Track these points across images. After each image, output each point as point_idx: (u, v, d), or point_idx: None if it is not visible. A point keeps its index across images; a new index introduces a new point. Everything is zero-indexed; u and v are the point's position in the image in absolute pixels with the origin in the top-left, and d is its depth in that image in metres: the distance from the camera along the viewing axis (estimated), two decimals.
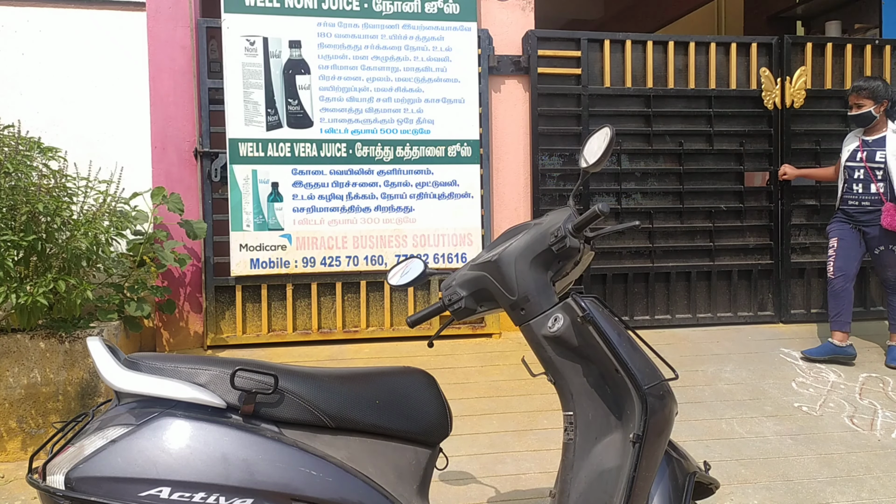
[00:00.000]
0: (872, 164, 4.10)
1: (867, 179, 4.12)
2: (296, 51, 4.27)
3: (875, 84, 4.06)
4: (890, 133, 4.10)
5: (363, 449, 1.60)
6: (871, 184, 4.11)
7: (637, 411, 1.63)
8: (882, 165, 4.07)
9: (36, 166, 3.39)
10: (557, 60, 4.69)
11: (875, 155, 4.10)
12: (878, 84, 4.06)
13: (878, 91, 4.05)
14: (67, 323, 3.36)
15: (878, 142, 4.12)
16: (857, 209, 4.18)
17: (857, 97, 4.11)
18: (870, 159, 4.11)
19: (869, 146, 4.14)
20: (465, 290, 1.83)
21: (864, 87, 4.07)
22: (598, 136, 1.80)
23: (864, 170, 4.13)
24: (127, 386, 1.44)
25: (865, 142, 4.17)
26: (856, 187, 4.17)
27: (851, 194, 4.20)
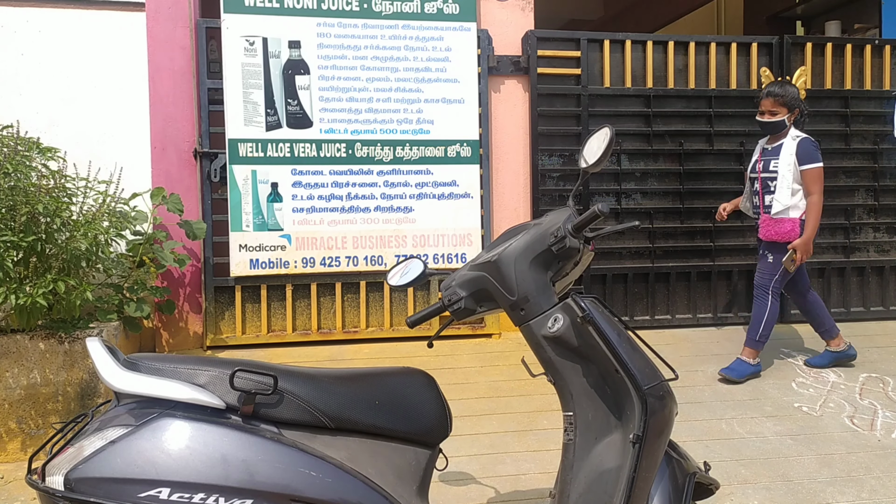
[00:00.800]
0: (766, 173, 3.87)
1: (764, 190, 3.89)
2: (295, 51, 4.27)
3: (791, 91, 3.79)
4: (789, 140, 3.82)
5: (363, 450, 1.59)
6: (764, 195, 3.89)
7: (637, 412, 1.63)
8: (774, 175, 3.82)
9: (35, 167, 3.39)
10: (557, 60, 4.68)
11: (770, 164, 3.86)
12: (794, 91, 3.80)
13: (794, 99, 3.79)
14: (67, 323, 3.36)
15: (775, 150, 3.86)
16: (756, 217, 4.04)
17: (772, 104, 3.80)
18: (765, 169, 3.88)
19: (767, 155, 3.90)
20: (465, 291, 1.83)
21: (781, 93, 3.78)
22: (597, 136, 1.80)
23: (763, 181, 3.90)
24: (126, 387, 1.44)
25: (765, 150, 3.93)
26: (755, 199, 3.99)
27: (755, 207, 4.03)
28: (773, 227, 3.80)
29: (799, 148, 3.76)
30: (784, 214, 3.77)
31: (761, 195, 3.89)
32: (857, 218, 5.02)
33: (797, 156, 3.75)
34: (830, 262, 4.96)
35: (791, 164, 3.75)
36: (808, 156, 3.74)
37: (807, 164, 3.73)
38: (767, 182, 3.86)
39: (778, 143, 3.85)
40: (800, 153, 3.75)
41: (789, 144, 3.79)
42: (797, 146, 3.76)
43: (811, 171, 3.73)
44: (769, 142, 3.92)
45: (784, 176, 3.76)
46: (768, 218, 3.83)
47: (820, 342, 4.15)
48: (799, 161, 3.75)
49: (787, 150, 3.78)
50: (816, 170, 3.73)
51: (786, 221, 3.76)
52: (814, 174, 3.73)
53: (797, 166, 3.74)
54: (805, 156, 3.74)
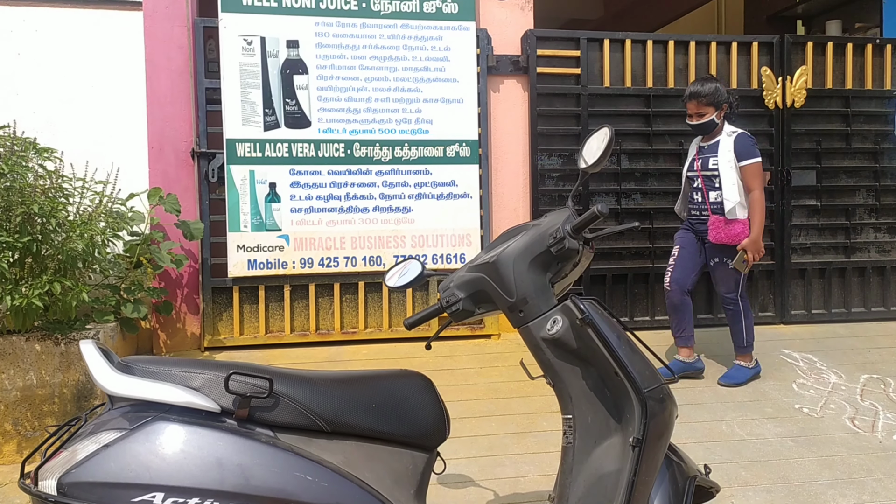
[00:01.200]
0: (706, 171, 3.74)
1: (707, 188, 3.75)
2: (293, 51, 4.25)
3: (714, 88, 3.65)
4: (724, 137, 3.72)
5: (359, 453, 1.57)
6: (708, 192, 3.75)
7: (637, 415, 1.61)
8: (716, 172, 3.70)
9: (31, 167, 3.37)
10: (557, 60, 4.67)
11: (709, 162, 3.73)
12: (717, 87, 3.67)
13: (719, 96, 3.67)
14: (63, 325, 3.34)
15: (712, 147, 3.74)
16: (696, 219, 3.85)
17: (697, 105, 3.68)
18: (704, 167, 3.75)
19: (704, 153, 3.78)
20: (464, 292, 1.81)
21: (704, 93, 3.64)
22: (597, 136, 1.78)
23: (700, 178, 3.78)
24: (120, 390, 1.42)
25: (702, 148, 3.81)
26: (695, 196, 3.83)
27: (693, 204, 3.87)
28: (723, 229, 3.65)
29: (736, 144, 3.67)
30: (734, 215, 3.65)
31: (706, 193, 3.76)
32: (858, 218, 5.00)
33: (735, 152, 3.66)
34: (831, 262, 4.94)
35: (731, 161, 3.66)
36: (747, 151, 3.65)
37: (746, 160, 3.64)
38: (710, 179, 3.73)
39: (714, 140, 3.75)
40: (738, 149, 3.66)
41: (726, 141, 3.70)
42: (734, 142, 3.68)
43: (751, 166, 3.64)
44: (704, 140, 3.81)
45: (727, 173, 3.65)
46: (718, 219, 3.68)
47: (824, 344, 4.14)
48: (738, 157, 3.65)
49: (724, 147, 3.69)
50: (756, 165, 3.64)
51: (736, 223, 3.64)
52: (753, 170, 3.64)
53: (736, 162, 3.65)
54: (743, 152, 3.65)
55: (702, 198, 3.78)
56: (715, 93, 3.64)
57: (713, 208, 3.73)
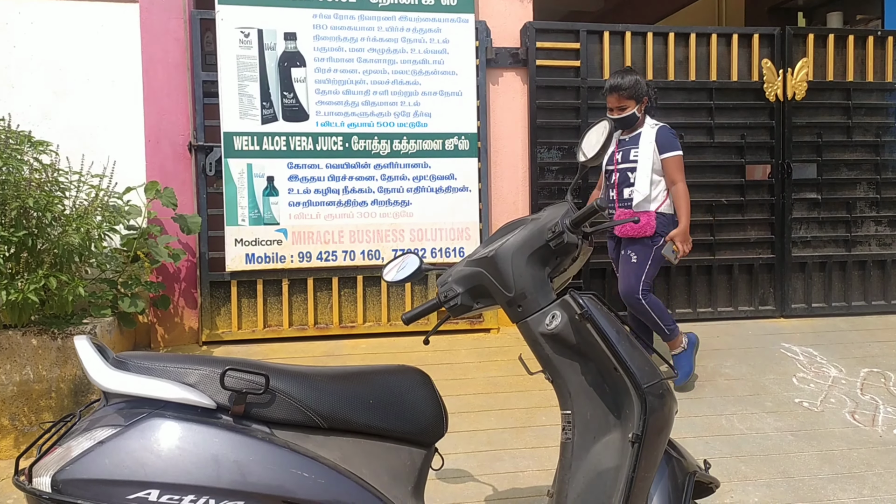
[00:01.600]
0: (626, 164, 3.61)
1: (621, 183, 3.63)
2: (291, 43, 4.22)
3: (634, 80, 3.53)
4: (647, 128, 3.60)
5: (356, 450, 1.56)
6: (622, 188, 3.62)
7: (636, 410, 1.60)
8: (635, 165, 3.58)
9: (27, 160, 3.34)
10: (556, 52, 4.64)
11: (629, 154, 3.60)
12: (637, 80, 3.55)
13: (639, 89, 3.55)
14: (60, 319, 3.33)
15: (633, 139, 3.61)
16: (611, 214, 3.70)
17: (618, 99, 3.56)
18: (624, 159, 3.62)
19: (625, 145, 3.64)
20: (462, 287, 1.79)
21: (625, 86, 3.52)
22: (596, 129, 1.77)
23: (616, 173, 3.65)
24: (115, 386, 1.41)
25: (622, 141, 3.67)
26: (612, 192, 3.69)
27: (610, 201, 3.71)
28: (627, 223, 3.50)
29: (659, 136, 3.56)
30: (641, 208, 3.53)
31: (617, 188, 3.63)
32: (859, 211, 4.98)
33: (657, 143, 3.55)
34: (832, 255, 4.93)
35: (651, 153, 3.54)
36: (669, 144, 3.55)
37: (668, 153, 3.53)
38: (627, 173, 3.60)
39: (635, 132, 3.63)
40: (660, 141, 3.55)
41: (648, 132, 3.59)
42: (657, 134, 3.57)
43: (673, 158, 3.53)
44: (624, 133, 3.68)
45: (644, 165, 3.54)
46: (624, 212, 3.57)
47: (824, 338, 4.13)
48: (660, 149, 3.54)
49: (646, 139, 3.57)
50: (678, 157, 3.54)
51: (641, 216, 3.52)
52: (676, 162, 3.54)
53: (657, 154, 3.54)
54: (666, 144, 3.55)
55: (614, 194, 3.66)
56: (635, 85, 3.53)
57: (622, 205, 3.61)
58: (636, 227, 3.51)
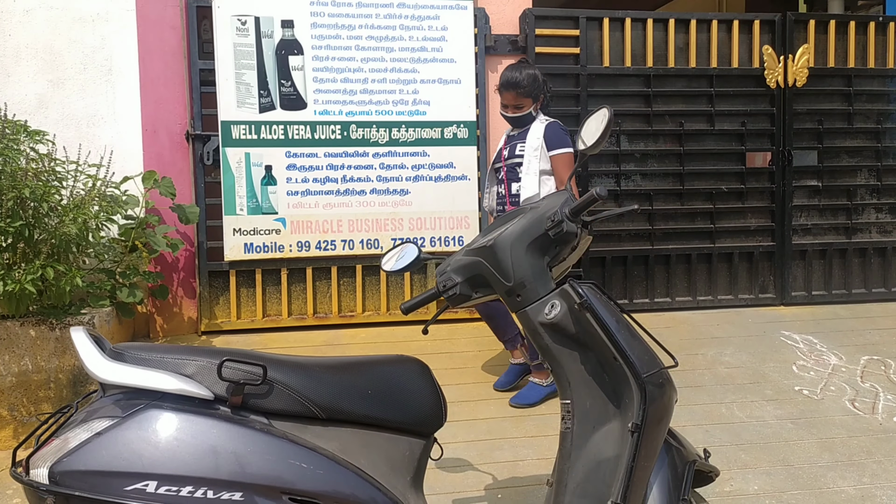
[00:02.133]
0: (513, 159, 3.37)
1: (510, 178, 3.39)
2: (288, 31, 4.18)
3: (533, 76, 3.29)
4: (537, 123, 3.35)
5: (355, 440, 1.55)
6: (510, 184, 3.38)
7: (636, 400, 1.59)
8: (521, 161, 3.34)
9: (23, 150, 3.32)
10: (555, 39, 4.60)
11: (516, 148, 3.36)
12: (536, 75, 3.31)
13: (538, 86, 3.32)
14: (58, 310, 3.32)
15: (522, 134, 3.38)
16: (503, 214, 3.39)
17: (515, 97, 3.30)
18: (511, 154, 3.39)
19: (513, 140, 3.40)
20: (460, 276, 1.79)
21: (524, 83, 3.26)
22: (595, 117, 1.75)
23: (504, 169, 3.42)
24: (112, 377, 1.40)
25: (511, 137, 3.45)
26: (500, 189, 3.46)
27: (500, 198, 3.48)
28: None
29: (548, 131, 3.31)
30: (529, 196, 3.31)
31: (507, 184, 3.39)
32: (860, 199, 4.97)
33: (546, 139, 3.30)
34: (832, 243, 4.92)
35: (538, 149, 3.29)
36: (559, 140, 3.31)
37: (557, 149, 3.29)
38: (514, 168, 3.36)
39: (525, 127, 3.39)
40: (549, 137, 3.30)
41: (537, 127, 3.33)
42: (546, 129, 3.31)
43: (562, 156, 3.29)
44: (514, 129, 3.46)
45: (530, 161, 3.29)
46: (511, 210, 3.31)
47: (824, 326, 4.12)
48: (548, 146, 3.29)
49: (534, 134, 3.32)
50: (567, 155, 3.29)
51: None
52: (566, 159, 3.29)
53: (545, 151, 3.30)
54: (555, 140, 3.30)
55: (504, 190, 3.41)
56: (534, 82, 3.29)
57: (513, 201, 3.37)
58: None
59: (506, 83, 3.29)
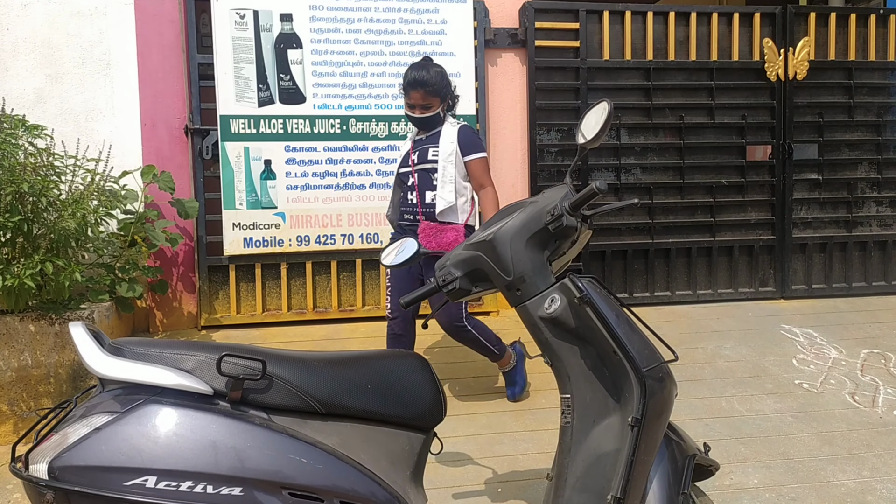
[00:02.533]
0: (424, 164, 3.10)
1: (422, 186, 3.11)
2: (287, 24, 4.17)
3: (441, 74, 3.07)
4: (448, 126, 3.12)
5: (355, 435, 1.55)
6: (423, 192, 3.11)
7: (636, 394, 1.59)
8: (434, 166, 3.09)
9: (21, 145, 3.31)
10: (555, 33, 4.59)
11: (427, 153, 3.10)
12: (444, 73, 3.09)
13: (446, 85, 3.10)
14: (57, 304, 3.31)
15: (432, 138, 3.12)
16: (410, 225, 3.15)
17: (423, 96, 3.03)
18: (421, 159, 3.11)
19: (423, 144, 3.14)
20: (460, 271, 1.78)
21: (432, 81, 3.01)
22: (595, 110, 1.74)
23: (414, 175, 3.13)
24: (111, 372, 1.40)
25: (419, 140, 3.17)
26: (409, 197, 3.15)
27: (406, 206, 3.18)
28: (434, 237, 3.03)
29: (461, 135, 3.10)
30: (446, 217, 3.08)
31: (418, 193, 3.11)
32: (860, 192, 4.96)
33: (460, 143, 3.08)
34: (833, 236, 4.91)
35: (453, 154, 3.07)
36: (474, 144, 3.11)
37: (473, 154, 3.09)
38: (427, 175, 3.09)
39: (434, 130, 3.14)
40: (463, 141, 3.09)
41: (449, 131, 3.10)
42: (459, 133, 3.10)
43: (479, 161, 3.10)
44: (421, 132, 3.19)
45: (446, 168, 3.06)
46: (429, 225, 3.05)
47: (824, 319, 4.12)
48: (462, 151, 3.08)
49: (447, 138, 3.09)
50: (483, 160, 3.12)
51: (449, 230, 3.04)
52: (482, 164, 3.11)
53: (460, 157, 3.08)
54: (469, 144, 3.10)
55: (416, 199, 3.12)
56: (442, 80, 3.06)
57: (426, 211, 3.09)
58: (443, 244, 3.00)
59: (413, 81, 3.03)
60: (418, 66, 3.08)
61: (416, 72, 3.04)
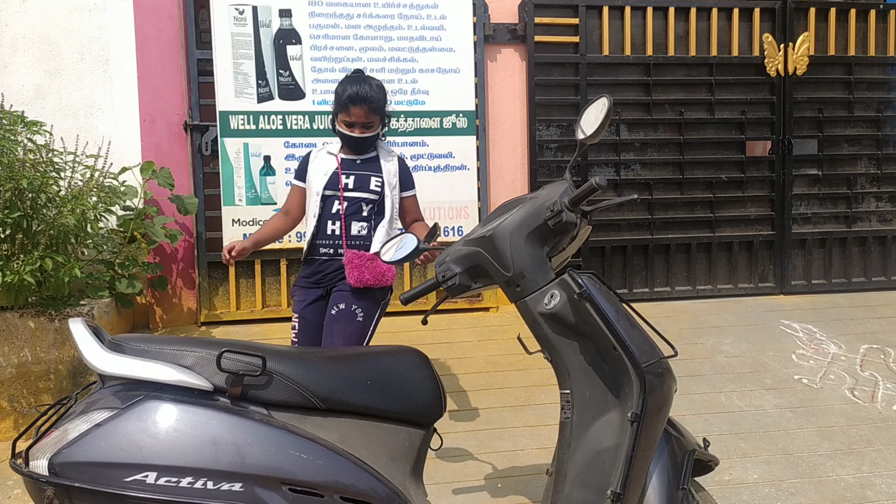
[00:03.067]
0: (364, 192, 2.67)
1: (349, 215, 2.66)
2: (286, 20, 4.16)
3: (383, 89, 2.70)
4: (385, 154, 2.77)
5: (355, 431, 1.56)
6: (350, 222, 2.65)
7: (635, 389, 1.59)
8: (377, 196, 2.69)
9: (20, 141, 3.31)
10: (555, 28, 4.58)
11: (369, 182, 2.68)
12: (385, 89, 2.73)
13: (386, 102, 2.71)
14: (57, 301, 3.31)
15: (370, 165, 2.72)
16: (331, 259, 2.66)
17: (367, 113, 2.63)
18: (360, 187, 2.66)
19: (358, 168, 2.70)
20: (460, 267, 1.78)
21: (375, 98, 2.62)
22: (595, 106, 1.74)
23: (343, 201, 2.66)
24: (110, 368, 1.40)
25: (350, 162, 2.71)
26: (331, 226, 2.66)
27: (325, 237, 2.67)
28: (368, 267, 2.59)
29: (403, 169, 2.81)
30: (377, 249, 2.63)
31: (344, 223, 2.65)
32: (860, 187, 4.96)
33: (401, 178, 2.78)
34: (832, 232, 4.91)
35: (396, 188, 2.76)
36: (411, 180, 2.85)
37: (411, 190, 2.84)
38: (361, 204, 2.67)
39: (369, 154, 2.74)
40: (405, 176, 2.81)
41: (390, 162, 2.76)
42: (400, 166, 2.80)
43: (414, 197, 2.86)
44: (349, 152, 2.73)
45: (391, 203, 2.72)
46: (359, 255, 2.61)
47: (824, 314, 4.12)
48: (403, 185, 2.79)
49: (389, 170, 2.74)
50: (416, 196, 2.88)
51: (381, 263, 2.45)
52: (416, 200, 2.88)
53: (399, 191, 2.78)
54: (409, 180, 2.83)
55: (340, 229, 2.66)
56: (385, 97, 2.70)
57: (351, 244, 2.66)
58: (377, 274, 2.61)
59: (355, 96, 2.60)
60: (359, 80, 2.66)
61: (357, 85, 2.63)
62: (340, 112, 2.67)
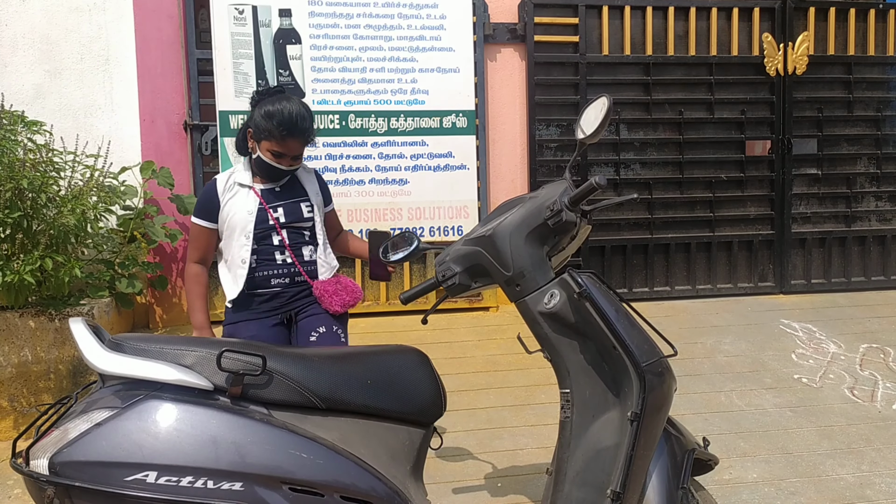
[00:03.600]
0: (298, 222, 2.44)
1: (293, 243, 2.44)
2: (286, 20, 4.16)
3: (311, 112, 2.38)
4: (303, 173, 2.52)
5: (355, 430, 1.56)
6: (298, 249, 2.45)
7: (635, 389, 1.59)
8: (310, 224, 2.48)
9: (20, 141, 3.31)
10: (554, 28, 4.58)
11: (301, 210, 2.45)
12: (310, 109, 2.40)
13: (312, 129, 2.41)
14: (57, 301, 3.32)
15: (293, 190, 2.47)
16: (288, 287, 2.44)
17: (299, 143, 2.35)
18: (292, 217, 2.43)
19: (284, 198, 2.43)
20: (460, 266, 1.78)
21: (310, 130, 2.36)
22: (594, 105, 1.74)
23: (290, 231, 2.43)
24: (111, 368, 1.40)
25: (272, 192, 2.42)
26: (280, 257, 2.43)
27: (275, 268, 2.42)
28: (343, 292, 2.47)
29: (321, 181, 2.58)
30: (333, 270, 2.54)
31: (291, 251, 2.43)
32: (860, 187, 4.96)
33: (323, 193, 2.56)
34: (832, 231, 4.91)
35: (321, 206, 2.55)
36: (329, 192, 2.62)
37: (331, 204, 2.63)
38: (302, 233, 2.47)
39: (283, 180, 2.46)
40: (325, 189, 2.59)
41: (310, 180, 2.53)
42: (318, 179, 2.58)
43: (334, 209, 2.66)
44: (265, 181, 2.43)
45: (320, 222, 2.52)
46: (328, 282, 2.47)
47: (823, 314, 4.12)
48: (325, 199, 2.58)
49: (311, 189, 2.51)
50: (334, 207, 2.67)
51: (344, 280, 2.51)
52: (335, 212, 2.68)
53: (324, 207, 2.57)
54: (328, 193, 2.61)
55: (290, 258, 2.45)
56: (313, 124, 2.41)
57: (308, 269, 2.48)
58: (354, 292, 2.52)
59: (293, 128, 2.30)
60: (289, 102, 2.33)
61: (295, 109, 2.31)
62: (267, 139, 2.32)
